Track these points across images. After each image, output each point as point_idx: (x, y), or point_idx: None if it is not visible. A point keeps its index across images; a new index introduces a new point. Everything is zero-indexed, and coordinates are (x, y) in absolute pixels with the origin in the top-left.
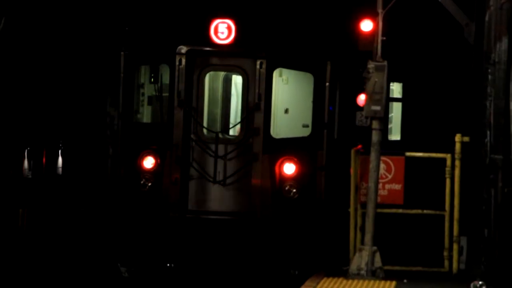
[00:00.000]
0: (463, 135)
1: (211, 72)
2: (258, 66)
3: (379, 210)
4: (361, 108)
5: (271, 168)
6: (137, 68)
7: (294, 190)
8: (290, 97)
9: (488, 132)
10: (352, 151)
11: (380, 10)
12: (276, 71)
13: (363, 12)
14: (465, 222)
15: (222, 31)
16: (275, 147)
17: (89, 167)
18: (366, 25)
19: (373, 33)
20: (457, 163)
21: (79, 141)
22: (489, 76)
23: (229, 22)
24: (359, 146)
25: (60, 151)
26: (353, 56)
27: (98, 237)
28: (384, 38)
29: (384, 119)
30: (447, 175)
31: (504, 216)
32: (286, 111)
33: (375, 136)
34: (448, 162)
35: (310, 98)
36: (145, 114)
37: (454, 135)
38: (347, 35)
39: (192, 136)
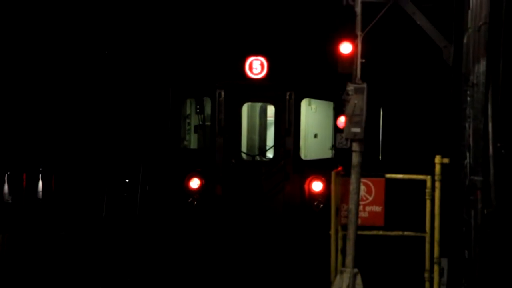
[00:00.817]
0: (442, 157)
1: (248, 103)
2: (287, 97)
3: (360, 232)
4: (341, 130)
5: (301, 186)
6: (183, 101)
7: (322, 205)
8: (318, 123)
9: (468, 154)
10: (333, 174)
11: (359, 33)
12: (304, 101)
13: (342, 35)
14: (446, 243)
15: (256, 67)
16: (304, 167)
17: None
18: (345, 48)
19: (352, 56)
20: (437, 184)
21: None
22: (468, 98)
23: (262, 59)
24: (340, 168)
25: (40, 175)
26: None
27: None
28: (363, 60)
29: (373, 140)
30: (427, 197)
31: (484, 237)
32: (315, 136)
33: (355, 158)
34: (428, 184)
35: (332, 123)
36: (192, 141)
37: (434, 157)
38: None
39: (232, 160)
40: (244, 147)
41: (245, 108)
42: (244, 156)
